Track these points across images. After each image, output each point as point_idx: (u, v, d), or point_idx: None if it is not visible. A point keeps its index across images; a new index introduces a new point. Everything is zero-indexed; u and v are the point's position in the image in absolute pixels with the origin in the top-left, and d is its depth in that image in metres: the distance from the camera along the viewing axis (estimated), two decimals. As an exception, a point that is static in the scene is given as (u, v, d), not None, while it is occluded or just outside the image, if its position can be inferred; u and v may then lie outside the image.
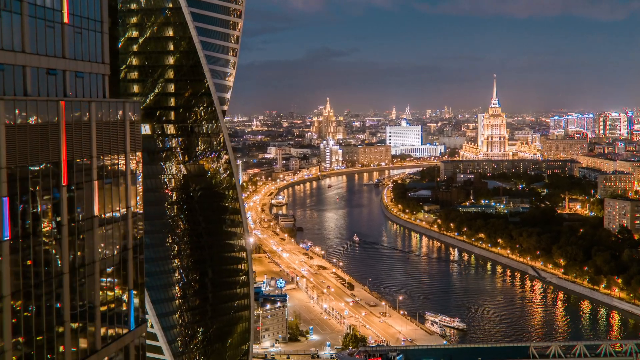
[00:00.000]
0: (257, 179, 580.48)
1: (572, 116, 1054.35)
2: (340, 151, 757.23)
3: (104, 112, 49.93)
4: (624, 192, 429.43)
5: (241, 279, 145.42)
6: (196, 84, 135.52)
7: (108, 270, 51.35)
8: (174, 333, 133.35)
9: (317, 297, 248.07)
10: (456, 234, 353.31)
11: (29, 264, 43.31)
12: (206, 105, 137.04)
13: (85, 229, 48.77)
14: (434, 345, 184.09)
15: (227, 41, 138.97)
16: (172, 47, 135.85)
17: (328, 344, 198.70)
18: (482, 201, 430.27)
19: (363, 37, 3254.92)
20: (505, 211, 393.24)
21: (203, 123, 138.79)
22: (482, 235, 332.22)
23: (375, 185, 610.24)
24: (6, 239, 41.35)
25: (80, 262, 48.49)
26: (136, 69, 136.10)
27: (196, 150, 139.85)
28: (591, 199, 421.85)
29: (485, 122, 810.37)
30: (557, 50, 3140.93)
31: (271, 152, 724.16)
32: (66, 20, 47.97)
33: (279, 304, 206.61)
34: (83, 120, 47.79)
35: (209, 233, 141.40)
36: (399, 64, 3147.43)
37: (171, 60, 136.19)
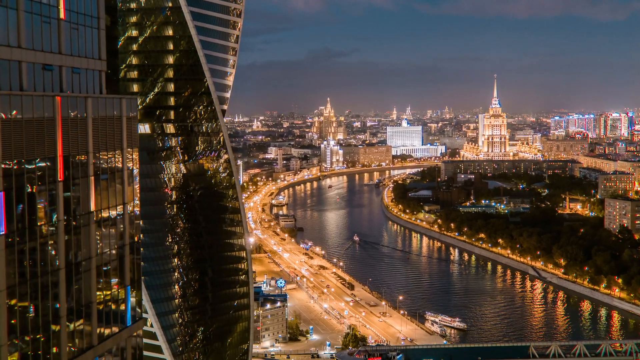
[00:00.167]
0: (258, 179, 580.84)
1: (573, 116, 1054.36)
2: (341, 151, 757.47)
3: (100, 108, 49.95)
4: (625, 192, 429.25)
5: (241, 278, 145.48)
6: (196, 83, 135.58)
7: (105, 266, 51.32)
8: (174, 332, 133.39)
9: (317, 297, 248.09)
10: (456, 234, 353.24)
11: (24, 259, 43.29)
12: (206, 105, 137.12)
13: (82, 224, 48.73)
14: (434, 345, 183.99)
15: (226, 40, 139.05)
16: (171, 46, 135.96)
17: (328, 343, 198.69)
18: (483, 201, 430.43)
19: (364, 38, 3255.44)
20: (506, 211, 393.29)
21: (203, 122, 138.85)
22: (482, 236, 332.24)
23: (375, 186, 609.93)
24: (2, 233, 41.35)
25: (76, 257, 48.44)
26: (136, 68, 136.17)
27: (196, 150, 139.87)
28: (592, 199, 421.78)
29: (485, 123, 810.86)
30: (558, 51, 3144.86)
31: (272, 153, 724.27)
32: (62, 16, 47.96)
33: (279, 303, 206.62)
34: (79, 116, 47.81)
35: (208, 232, 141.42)
36: (399, 64, 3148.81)
37: (171, 60, 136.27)
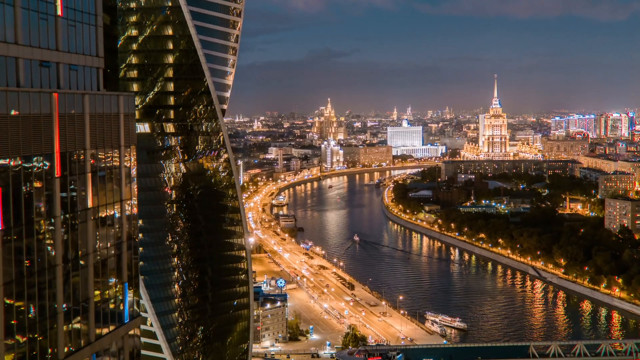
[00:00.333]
0: (258, 179, 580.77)
1: (573, 117, 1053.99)
2: (341, 152, 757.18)
3: (97, 105, 50.00)
4: (625, 192, 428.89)
5: (241, 277, 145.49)
6: (196, 83, 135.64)
7: (102, 263, 51.35)
8: (174, 331, 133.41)
9: (317, 297, 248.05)
10: (457, 234, 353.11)
11: (21, 255, 43.31)
12: (206, 104, 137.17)
13: (79, 221, 48.78)
14: (434, 344, 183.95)
15: (226, 40, 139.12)
16: (171, 45, 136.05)
17: (328, 343, 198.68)
18: (483, 201, 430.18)
19: (364, 38, 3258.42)
20: (506, 211, 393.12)
21: (202, 122, 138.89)
22: (482, 236, 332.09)
23: (376, 186, 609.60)
24: (-1, 229, 41.37)
25: (73, 254, 48.49)
26: (136, 68, 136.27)
27: (196, 149, 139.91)
28: (592, 199, 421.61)
29: (486, 123, 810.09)
30: (558, 51, 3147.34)
31: (272, 153, 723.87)
32: (60, 13, 47.94)
33: (279, 303, 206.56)
34: (76, 113, 47.85)
35: (208, 231, 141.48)
36: (400, 65, 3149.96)
37: (171, 59, 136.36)
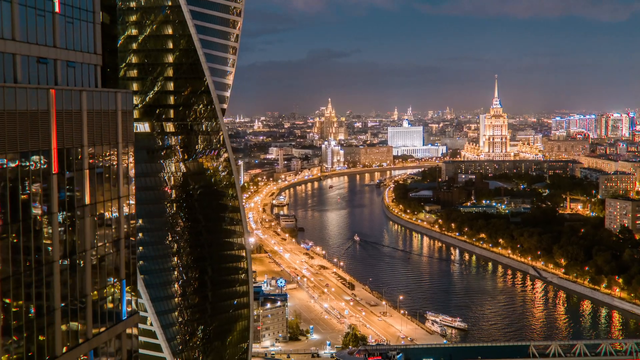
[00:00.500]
0: (259, 179, 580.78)
1: (574, 117, 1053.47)
2: (342, 152, 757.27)
3: (95, 101, 50.01)
4: (626, 192, 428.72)
5: (241, 277, 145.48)
6: (195, 82, 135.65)
7: (99, 260, 51.37)
8: (173, 331, 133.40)
9: (317, 297, 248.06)
10: (457, 234, 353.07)
11: (18, 251, 43.32)
12: (206, 104, 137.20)
13: (76, 218, 48.78)
14: (434, 344, 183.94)
15: (226, 39, 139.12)
16: (171, 45, 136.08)
17: (328, 343, 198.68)
18: (484, 201, 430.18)
19: (365, 38, 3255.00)
20: (507, 211, 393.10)
21: (202, 121, 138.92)
22: (483, 236, 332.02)
23: (376, 186, 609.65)
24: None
25: (71, 250, 48.49)
26: (136, 67, 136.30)
27: (196, 148, 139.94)
28: (592, 199, 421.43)
29: (486, 123, 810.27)
30: (559, 51, 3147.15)
31: (273, 153, 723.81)
32: (57, 10, 47.95)
33: (279, 303, 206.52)
34: (74, 110, 47.84)
35: (208, 231, 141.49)
36: (400, 65, 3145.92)
37: (170, 59, 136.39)
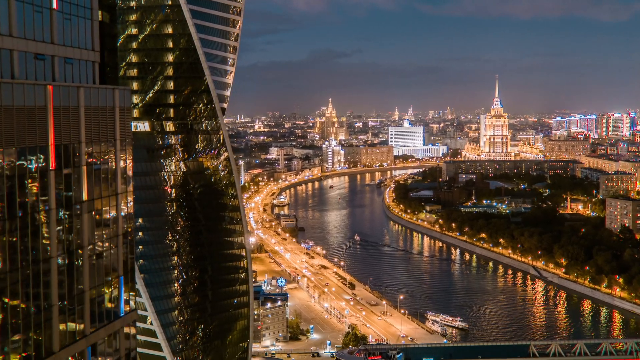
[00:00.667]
0: (259, 179, 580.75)
1: (575, 117, 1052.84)
2: (343, 152, 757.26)
3: (93, 98, 50.00)
4: (626, 192, 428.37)
5: (241, 276, 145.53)
6: (195, 82, 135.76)
7: (97, 256, 51.39)
8: (173, 330, 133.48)
9: (318, 296, 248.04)
10: (458, 234, 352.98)
11: (16, 247, 43.33)
12: (206, 103, 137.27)
13: (74, 214, 48.80)
14: (434, 343, 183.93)
15: (226, 39, 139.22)
16: (171, 44, 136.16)
17: (328, 342, 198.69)
18: (484, 201, 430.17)
19: (366, 38, 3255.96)
20: (507, 211, 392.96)
21: (202, 120, 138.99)
22: (483, 235, 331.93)
23: (377, 186, 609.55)
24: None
25: (68, 246, 48.50)
26: (136, 66, 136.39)
27: (196, 148, 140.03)
28: (593, 199, 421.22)
29: (487, 123, 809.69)
30: (560, 51, 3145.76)
31: (273, 153, 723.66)
32: (55, 6, 47.94)
33: (279, 302, 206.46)
34: (71, 106, 47.84)
35: (208, 230, 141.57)
36: (401, 65, 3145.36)
37: (170, 58, 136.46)
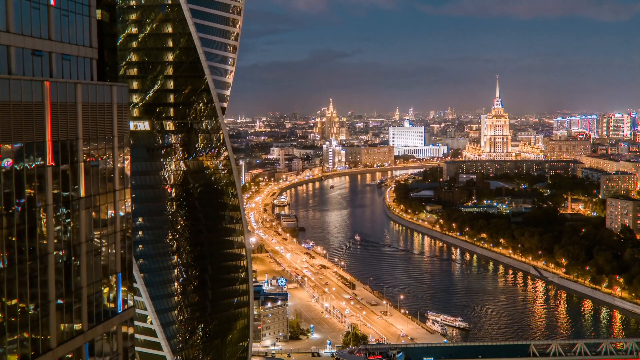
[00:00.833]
0: (260, 179, 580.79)
1: (576, 117, 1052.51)
2: (343, 152, 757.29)
3: (90, 94, 50.01)
4: (627, 192, 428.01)
5: (241, 275, 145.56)
6: (195, 81, 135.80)
7: (95, 253, 51.37)
8: (173, 329, 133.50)
9: (318, 296, 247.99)
10: (458, 234, 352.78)
11: (13, 243, 43.30)
12: (206, 102, 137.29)
13: (71, 210, 48.79)
14: (434, 343, 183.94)
15: (226, 38, 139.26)
16: (171, 43, 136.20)
17: (329, 342, 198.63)
18: (485, 201, 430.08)
19: (366, 39, 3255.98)
20: (508, 211, 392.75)
21: (202, 120, 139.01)
22: (484, 235, 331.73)
23: (377, 186, 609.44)
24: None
25: (66, 242, 48.50)
26: (135, 65, 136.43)
27: (196, 147, 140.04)
28: (593, 199, 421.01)
29: (488, 123, 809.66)
30: (561, 51, 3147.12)
31: (274, 153, 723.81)
32: (52, 3, 47.89)
33: (279, 302, 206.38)
34: (69, 102, 47.83)
35: (208, 229, 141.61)
36: (402, 65, 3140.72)
37: (170, 57, 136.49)
